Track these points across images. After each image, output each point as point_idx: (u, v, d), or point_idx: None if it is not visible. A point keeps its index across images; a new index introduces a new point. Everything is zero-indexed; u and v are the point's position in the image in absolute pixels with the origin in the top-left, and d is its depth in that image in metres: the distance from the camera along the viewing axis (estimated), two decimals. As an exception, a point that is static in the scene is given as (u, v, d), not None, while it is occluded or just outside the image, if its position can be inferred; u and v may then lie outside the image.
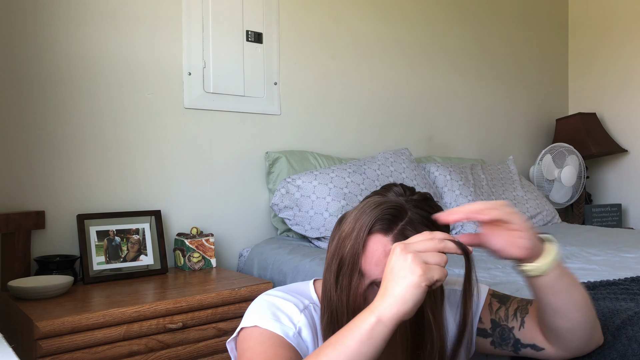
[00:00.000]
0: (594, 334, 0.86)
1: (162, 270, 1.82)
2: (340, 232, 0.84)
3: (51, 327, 1.27)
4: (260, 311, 0.85)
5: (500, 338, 0.93)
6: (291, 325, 0.83)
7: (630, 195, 3.34)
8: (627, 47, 3.31)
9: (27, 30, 1.71)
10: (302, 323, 0.84)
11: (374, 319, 0.69)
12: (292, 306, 0.86)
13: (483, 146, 3.14)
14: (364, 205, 0.84)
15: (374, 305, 0.71)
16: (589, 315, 0.83)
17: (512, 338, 0.92)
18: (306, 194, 2.01)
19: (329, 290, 0.83)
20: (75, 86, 1.80)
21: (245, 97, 2.18)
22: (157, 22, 1.97)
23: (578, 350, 0.87)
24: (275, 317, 0.83)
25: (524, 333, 0.90)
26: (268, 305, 0.86)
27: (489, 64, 3.15)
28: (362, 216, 0.82)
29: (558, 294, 0.80)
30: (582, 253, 1.82)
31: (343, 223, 0.85)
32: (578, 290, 0.81)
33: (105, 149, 1.86)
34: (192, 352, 1.50)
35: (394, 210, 0.82)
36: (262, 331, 0.82)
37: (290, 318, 0.84)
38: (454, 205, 2.38)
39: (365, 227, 0.81)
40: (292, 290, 0.92)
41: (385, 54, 2.66)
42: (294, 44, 2.33)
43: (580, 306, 0.81)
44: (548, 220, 2.66)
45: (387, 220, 0.81)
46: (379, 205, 0.82)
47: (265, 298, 0.88)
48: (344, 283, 0.81)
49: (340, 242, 0.83)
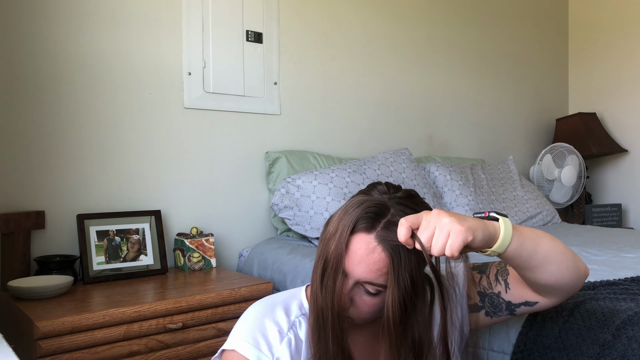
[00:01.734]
0: (578, 273, 0.86)
1: (162, 270, 1.82)
2: (325, 233, 0.85)
3: (51, 327, 1.27)
4: (242, 333, 0.86)
5: (492, 306, 0.94)
6: (269, 354, 0.85)
7: (630, 195, 3.34)
8: (627, 47, 3.31)
9: (26, 30, 1.71)
10: (281, 353, 0.85)
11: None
12: (275, 332, 0.87)
13: (483, 146, 3.14)
14: (347, 205, 0.85)
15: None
16: (565, 260, 0.83)
17: (502, 302, 0.93)
18: (306, 193, 2.01)
19: (315, 291, 0.84)
20: (75, 86, 1.80)
21: (245, 97, 2.18)
22: (157, 22, 1.97)
23: (570, 291, 0.89)
24: (255, 343, 0.85)
25: (511, 294, 0.92)
26: (252, 326, 0.87)
27: (489, 64, 3.15)
28: (345, 216, 0.83)
29: (527, 258, 0.81)
30: (582, 253, 1.82)
31: (329, 224, 0.86)
32: (545, 246, 0.82)
33: (105, 149, 1.86)
34: (192, 352, 1.50)
35: (376, 208, 0.82)
36: (240, 357, 0.84)
37: (270, 347, 0.85)
38: (454, 205, 2.38)
39: (347, 227, 0.81)
40: (284, 299, 0.93)
41: (385, 54, 2.66)
42: (294, 44, 2.33)
43: (553, 257, 0.82)
44: (548, 220, 2.66)
45: (369, 219, 0.81)
46: (361, 204, 0.83)
47: (253, 315, 0.89)
48: (328, 284, 0.82)
49: (325, 243, 0.84)
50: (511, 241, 0.79)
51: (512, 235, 0.79)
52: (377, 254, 0.81)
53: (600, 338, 0.98)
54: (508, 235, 0.78)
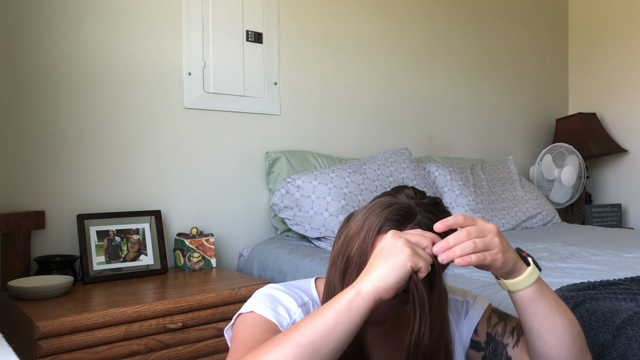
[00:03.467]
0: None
1: (162, 270, 1.82)
2: (347, 230, 0.84)
3: (51, 327, 1.27)
4: (258, 300, 0.86)
5: (493, 354, 0.92)
6: (287, 316, 0.84)
7: (630, 195, 3.34)
8: (627, 47, 3.31)
9: (26, 30, 1.71)
10: (298, 316, 0.84)
11: (354, 292, 0.71)
12: (291, 300, 0.86)
13: (483, 146, 3.14)
14: (374, 205, 0.84)
15: (356, 281, 0.73)
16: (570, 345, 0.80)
17: (504, 355, 0.91)
18: (306, 194, 2.01)
19: (332, 288, 0.83)
20: (75, 86, 1.80)
21: (245, 97, 2.18)
22: (157, 22, 1.97)
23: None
24: (273, 307, 0.84)
25: (516, 353, 0.89)
26: (267, 296, 0.87)
27: (489, 64, 3.15)
28: (371, 216, 0.82)
29: (535, 316, 0.80)
30: (582, 253, 1.82)
31: (351, 221, 0.85)
32: (559, 317, 0.80)
33: (105, 149, 1.86)
34: (192, 352, 1.50)
35: (404, 212, 0.82)
36: (256, 316, 0.83)
37: (287, 309, 0.85)
38: (455, 205, 2.38)
39: (374, 226, 0.80)
40: (294, 286, 0.92)
41: (385, 54, 2.66)
42: (294, 44, 2.33)
43: (560, 333, 0.80)
44: (548, 220, 2.66)
45: (396, 222, 0.81)
46: (389, 206, 0.82)
47: (266, 290, 0.89)
48: (350, 282, 0.81)
49: (348, 240, 0.83)
50: (526, 289, 0.79)
51: (532, 286, 0.79)
52: None
53: (600, 338, 0.98)
54: (531, 279, 0.79)
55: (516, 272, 0.78)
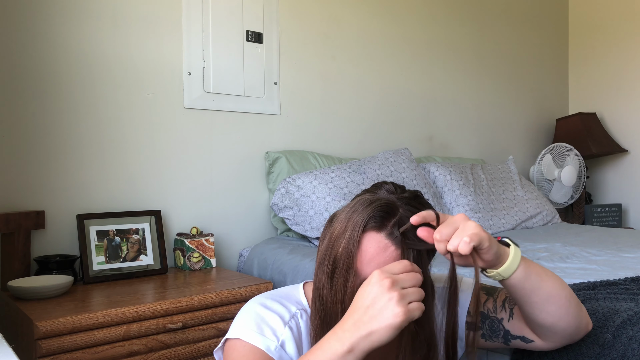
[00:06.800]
0: (579, 322, 0.86)
1: (162, 270, 1.82)
2: (331, 230, 0.84)
3: (51, 327, 1.27)
4: (245, 322, 0.86)
5: (490, 330, 0.93)
6: (274, 338, 0.84)
7: (630, 195, 3.34)
8: (627, 47, 3.31)
9: (26, 30, 1.71)
10: (285, 336, 0.85)
11: (346, 348, 0.70)
12: (277, 319, 0.86)
13: (483, 146, 3.14)
14: (356, 203, 0.84)
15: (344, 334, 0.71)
16: (567, 305, 0.83)
17: (501, 329, 0.92)
18: (306, 193, 2.01)
19: (321, 290, 0.83)
20: (75, 86, 1.80)
21: (245, 97, 2.18)
22: (157, 22, 1.97)
23: (566, 339, 0.88)
24: (259, 330, 0.84)
25: (513, 324, 0.91)
26: (254, 316, 0.86)
27: (489, 64, 3.15)
28: (354, 214, 0.82)
29: (529, 292, 0.81)
30: (582, 253, 1.82)
31: (334, 222, 0.85)
32: (549, 285, 0.82)
33: (105, 149, 1.86)
34: (192, 352, 1.50)
35: (386, 207, 0.82)
36: (244, 344, 0.83)
37: (273, 331, 0.85)
38: (454, 205, 2.38)
39: (359, 225, 0.81)
40: (281, 296, 0.92)
41: (385, 54, 2.66)
42: (294, 44, 2.33)
43: (555, 299, 0.82)
44: (548, 220, 2.66)
45: (379, 218, 0.81)
46: (371, 203, 0.83)
47: (252, 307, 0.89)
48: (339, 283, 0.81)
49: (333, 241, 0.83)
50: (517, 269, 0.79)
51: (520, 264, 0.80)
52: (388, 252, 0.80)
53: (600, 338, 0.98)
54: (515, 262, 0.79)
55: (502, 256, 0.79)
